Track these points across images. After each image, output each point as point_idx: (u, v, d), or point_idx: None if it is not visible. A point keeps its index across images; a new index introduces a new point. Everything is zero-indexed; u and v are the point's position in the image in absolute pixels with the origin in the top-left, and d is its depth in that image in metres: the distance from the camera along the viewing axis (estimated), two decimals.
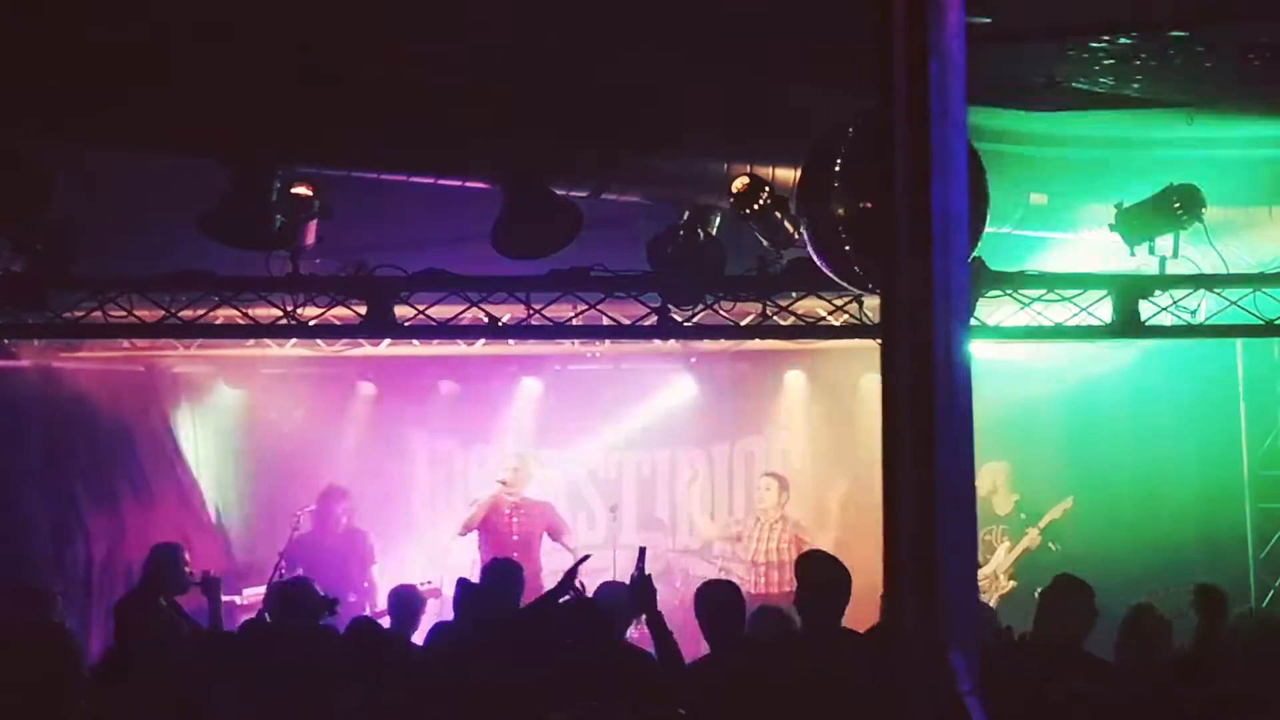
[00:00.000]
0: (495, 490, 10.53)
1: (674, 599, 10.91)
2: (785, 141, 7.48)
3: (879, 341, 3.27)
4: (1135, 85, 6.86)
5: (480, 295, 7.87)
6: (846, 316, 7.94)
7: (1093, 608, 5.92)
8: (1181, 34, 5.98)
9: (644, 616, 6.14)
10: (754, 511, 10.81)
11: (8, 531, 9.97)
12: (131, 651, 6.17)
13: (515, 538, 10.42)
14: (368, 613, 9.73)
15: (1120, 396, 11.11)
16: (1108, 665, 5.81)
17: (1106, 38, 6.19)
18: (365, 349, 10.64)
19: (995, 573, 9.91)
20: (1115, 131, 7.93)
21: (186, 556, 7.79)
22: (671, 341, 10.03)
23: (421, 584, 9.16)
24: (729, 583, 6.79)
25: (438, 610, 9.01)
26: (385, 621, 7.66)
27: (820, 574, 6.06)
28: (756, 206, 7.46)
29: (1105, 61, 6.34)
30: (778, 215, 7.47)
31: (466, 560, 10.39)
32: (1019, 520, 10.17)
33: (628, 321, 8.18)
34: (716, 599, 6.26)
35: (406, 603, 7.99)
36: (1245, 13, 5.96)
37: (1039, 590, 6.45)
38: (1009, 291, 7.84)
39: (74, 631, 6.52)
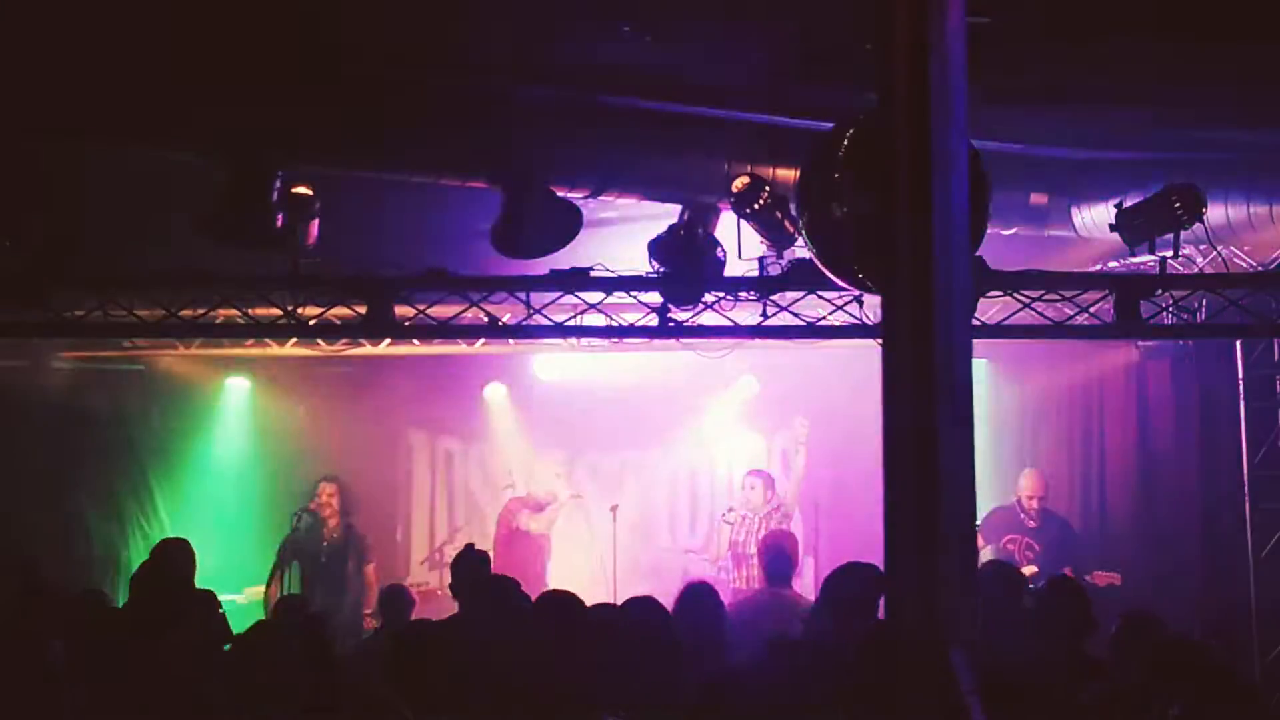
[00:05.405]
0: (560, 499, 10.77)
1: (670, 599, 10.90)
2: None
3: (879, 341, 3.27)
4: None
5: (480, 295, 7.88)
6: (846, 316, 7.94)
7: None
8: None
9: None
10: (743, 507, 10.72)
11: (8, 531, 9.97)
12: None
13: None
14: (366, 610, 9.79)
15: (1120, 397, 11.13)
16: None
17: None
18: (365, 348, 10.64)
19: None
20: None
21: None
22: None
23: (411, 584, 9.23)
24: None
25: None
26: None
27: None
28: (756, 206, 7.47)
29: None
30: (778, 215, 7.48)
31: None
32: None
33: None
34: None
35: (395, 601, 8.04)
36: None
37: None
38: (1009, 291, 7.83)
39: None
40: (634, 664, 5.27)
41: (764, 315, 8.08)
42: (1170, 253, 7.50)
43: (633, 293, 8.00)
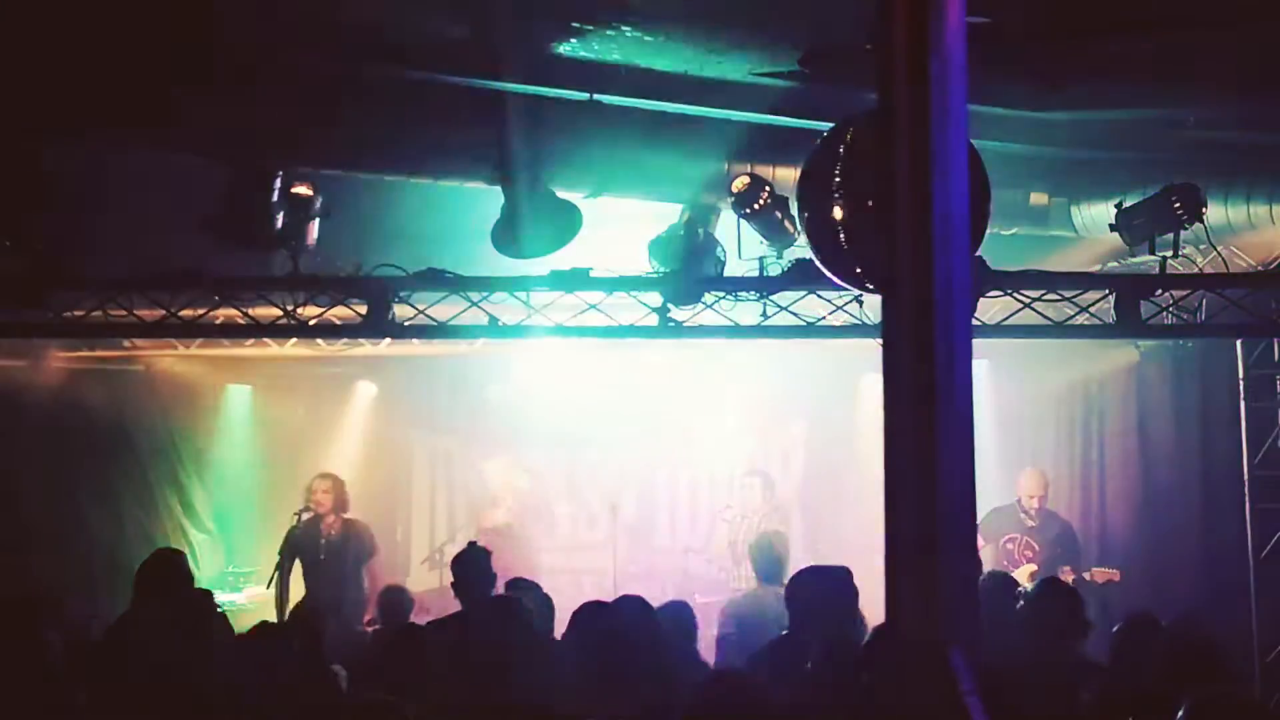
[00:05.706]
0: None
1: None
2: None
3: (879, 341, 3.27)
4: None
5: (480, 295, 7.88)
6: (846, 316, 7.94)
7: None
8: None
9: None
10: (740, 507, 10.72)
11: (8, 532, 9.97)
12: None
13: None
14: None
15: (1120, 397, 11.13)
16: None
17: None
18: (366, 348, 10.65)
19: None
20: None
21: None
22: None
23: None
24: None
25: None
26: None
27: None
28: (756, 206, 7.47)
29: None
30: (778, 215, 7.48)
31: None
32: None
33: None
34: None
35: (395, 603, 8.05)
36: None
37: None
38: (1009, 291, 7.84)
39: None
40: (627, 662, 5.27)
41: (764, 315, 8.08)
42: (1170, 253, 7.50)
43: (633, 293, 8.01)
